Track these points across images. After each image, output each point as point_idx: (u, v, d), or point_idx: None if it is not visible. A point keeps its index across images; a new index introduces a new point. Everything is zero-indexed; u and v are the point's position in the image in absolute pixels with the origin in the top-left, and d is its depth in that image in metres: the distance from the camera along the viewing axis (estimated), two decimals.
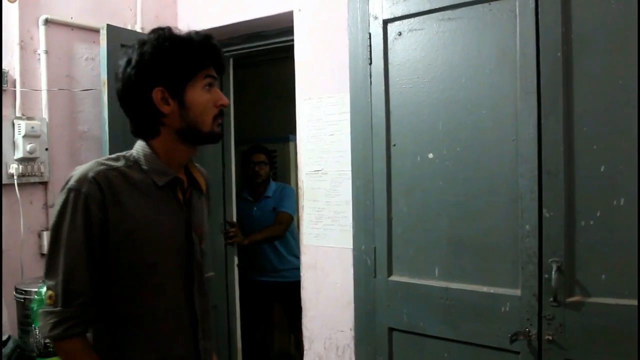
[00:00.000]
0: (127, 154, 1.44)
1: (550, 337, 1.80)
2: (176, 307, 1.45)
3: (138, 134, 1.46)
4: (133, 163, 1.41)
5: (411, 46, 2.08)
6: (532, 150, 1.80)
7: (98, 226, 1.32)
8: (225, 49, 3.08)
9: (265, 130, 4.58)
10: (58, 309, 1.32)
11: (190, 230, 1.48)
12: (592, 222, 1.75)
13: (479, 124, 1.93)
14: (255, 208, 3.82)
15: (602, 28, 1.72)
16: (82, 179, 1.32)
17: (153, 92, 1.37)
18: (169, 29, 1.40)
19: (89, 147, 2.66)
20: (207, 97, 1.41)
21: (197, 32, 1.42)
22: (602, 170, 1.73)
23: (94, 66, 2.68)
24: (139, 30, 2.82)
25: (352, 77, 2.24)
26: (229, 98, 3.25)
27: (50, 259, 1.34)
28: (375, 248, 2.20)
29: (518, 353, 1.87)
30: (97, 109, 2.62)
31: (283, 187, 3.87)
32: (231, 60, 3.27)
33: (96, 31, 2.60)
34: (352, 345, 2.36)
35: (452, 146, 2.00)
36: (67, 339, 1.33)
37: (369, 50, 2.17)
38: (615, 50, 1.71)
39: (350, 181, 2.29)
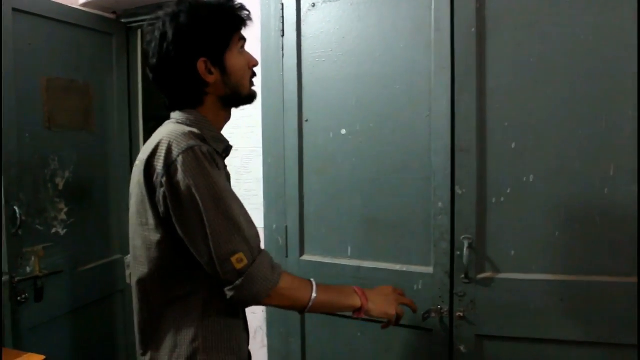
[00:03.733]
0: (181, 121, 1.35)
1: (462, 314, 1.80)
2: None
3: (179, 106, 1.39)
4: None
5: (325, 18, 2.00)
6: (446, 127, 1.79)
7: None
8: (132, 20, 2.91)
9: None
10: (255, 262, 1.23)
11: None
12: (502, 199, 1.76)
13: (393, 99, 1.90)
14: None
15: (514, 4, 1.72)
16: (189, 138, 1.23)
17: (198, 63, 1.32)
18: None
19: None
20: (243, 60, 1.39)
21: None
22: (512, 147, 1.74)
23: None
24: None
25: (264, 50, 2.14)
26: (137, 72, 3.07)
27: (224, 220, 1.20)
28: (287, 227, 2.14)
29: (431, 330, 1.87)
30: None
31: None
32: (139, 32, 3.07)
33: None
34: (264, 328, 2.29)
35: (365, 122, 1.95)
36: (280, 279, 1.27)
37: (281, 21, 2.08)
38: (527, 27, 1.72)
39: (261, 158, 2.21)
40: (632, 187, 1.65)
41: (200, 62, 1.31)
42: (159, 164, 1.21)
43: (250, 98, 1.44)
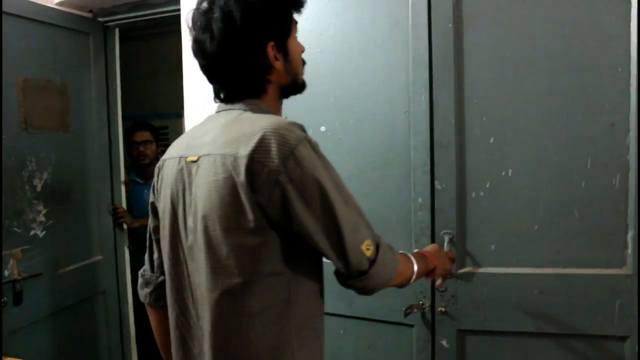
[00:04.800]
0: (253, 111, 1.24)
1: (443, 309, 1.81)
2: None
3: (240, 95, 1.25)
4: None
5: (302, 15, 1.97)
6: (424, 122, 1.79)
7: None
8: (109, 18, 2.88)
9: (157, 106, 4.38)
10: (380, 247, 1.19)
11: None
12: (482, 194, 1.77)
13: (371, 96, 1.89)
14: (145, 191, 3.48)
15: (490, 0, 1.73)
16: (296, 128, 1.13)
17: (267, 47, 1.21)
18: None
19: None
20: (300, 46, 1.31)
21: None
22: (491, 142, 1.75)
23: None
24: None
25: None
26: (114, 72, 3.04)
27: (351, 208, 1.15)
28: None
29: (412, 326, 1.87)
30: None
31: None
32: (117, 31, 3.03)
33: None
34: None
35: (344, 119, 1.94)
36: (399, 258, 1.26)
37: None
38: (504, 22, 1.72)
39: None
40: (609, 179, 1.66)
41: (270, 45, 1.21)
42: (272, 161, 1.07)
43: (303, 87, 1.35)
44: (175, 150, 1.31)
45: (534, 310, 1.74)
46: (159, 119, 4.19)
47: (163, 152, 1.42)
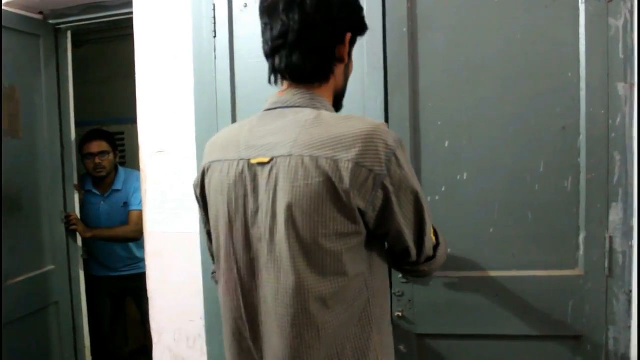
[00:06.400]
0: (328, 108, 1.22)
1: (400, 314, 1.80)
2: None
3: (306, 75, 1.20)
4: None
5: (257, 18, 1.96)
6: None
7: None
8: (61, 21, 2.80)
9: (114, 111, 4.27)
10: (437, 232, 1.32)
11: None
12: (437, 198, 1.77)
13: None
14: (102, 203, 3.38)
15: (446, 4, 1.74)
16: (389, 130, 1.12)
17: (347, 36, 1.21)
18: None
19: None
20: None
21: None
22: (446, 145, 1.75)
23: None
24: None
25: (196, 52, 2.08)
26: (67, 76, 2.95)
27: (426, 205, 1.20)
28: None
29: None
30: None
31: (132, 175, 3.41)
32: (69, 34, 2.95)
33: None
34: (203, 335, 2.23)
35: None
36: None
37: (213, 22, 2.03)
38: (458, 27, 1.73)
39: (195, 161, 2.15)
40: (561, 182, 1.69)
41: (348, 36, 1.21)
42: (378, 165, 1.07)
43: (343, 98, 1.34)
44: (225, 151, 1.24)
45: (490, 313, 1.75)
46: (116, 124, 4.11)
47: (123, 157, 1.37)
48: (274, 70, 1.23)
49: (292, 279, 1.11)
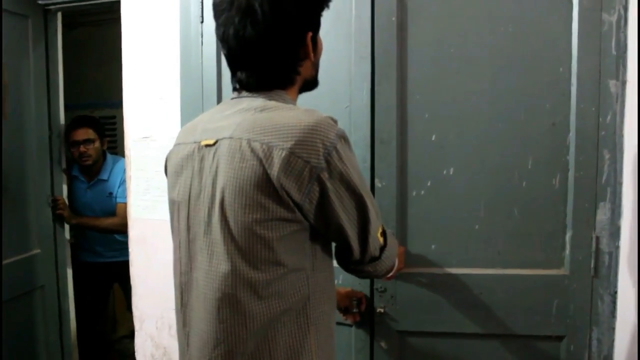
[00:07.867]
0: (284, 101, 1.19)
1: (382, 310, 1.77)
2: None
3: (270, 85, 1.19)
4: None
5: None
6: (366, 118, 1.74)
7: None
8: (50, 1, 2.75)
9: (107, 94, 4.19)
10: (386, 233, 1.27)
11: None
12: (423, 192, 1.73)
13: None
14: (88, 191, 3.31)
15: None
16: (333, 122, 1.12)
17: (307, 36, 1.19)
18: None
19: None
20: (321, 42, 1.29)
21: None
22: (433, 139, 1.71)
23: None
24: None
25: (183, 37, 2.04)
26: (56, 58, 2.91)
27: (372, 200, 1.18)
28: None
29: (351, 326, 1.83)
30: None
31: (120, 163, 3.29)
32: (59, 15, 2.90)
33: None
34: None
35: None
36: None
37: (200, 7, 1.99)
38: (448, 17, 1.69)
39: None
40: (549, 179, 1.65)
41: (309, 36, 1.19)
42: (315, 157, 1.05)
43: (317, 84, 1.32)
44: (187, 135, 1.26)
45: (474, 311, 1.72)
46: (109, 107, 4.07)
47: (115, 141, 1.36)
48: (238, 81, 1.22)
49: (223, 263, 1.11)
